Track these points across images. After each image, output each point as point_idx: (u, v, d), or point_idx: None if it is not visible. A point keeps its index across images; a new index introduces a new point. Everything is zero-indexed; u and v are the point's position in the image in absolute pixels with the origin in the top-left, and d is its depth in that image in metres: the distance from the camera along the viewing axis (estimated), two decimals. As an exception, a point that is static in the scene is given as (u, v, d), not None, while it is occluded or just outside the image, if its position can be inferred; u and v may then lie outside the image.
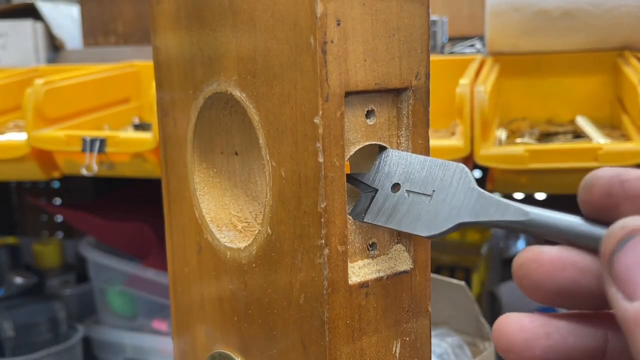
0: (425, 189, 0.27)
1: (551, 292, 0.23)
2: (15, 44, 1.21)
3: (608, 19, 0.87)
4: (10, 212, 1.52)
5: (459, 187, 0.26)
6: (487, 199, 0.24)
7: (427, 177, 0.27)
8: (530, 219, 0.23)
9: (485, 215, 0.24)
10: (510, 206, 0.24)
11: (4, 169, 0.91)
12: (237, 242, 0.32)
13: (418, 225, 0.26)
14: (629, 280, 0.19)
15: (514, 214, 0.23)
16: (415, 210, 0.27)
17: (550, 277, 0.22)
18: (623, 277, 0.19)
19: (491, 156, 0.71)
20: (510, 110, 0.93)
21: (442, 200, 0.26)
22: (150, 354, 1.07)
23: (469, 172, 0.26)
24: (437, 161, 0.27)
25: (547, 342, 0.23)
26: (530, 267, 0.23)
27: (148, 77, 1.06)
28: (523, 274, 0.23)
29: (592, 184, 0.22)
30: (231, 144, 0.34)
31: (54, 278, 1.22)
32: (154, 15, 0.35)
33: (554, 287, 0.22)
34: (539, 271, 0.22)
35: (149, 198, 1.01)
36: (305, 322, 0.28)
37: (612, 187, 0.21)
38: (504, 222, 0.24)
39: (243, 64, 0.29)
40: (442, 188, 0.26)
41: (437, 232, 0.26)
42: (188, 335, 0.36)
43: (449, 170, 0.26)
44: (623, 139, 0.79)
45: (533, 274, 0.23)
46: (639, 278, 0.19)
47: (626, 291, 0.19)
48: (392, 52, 0.27)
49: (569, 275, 0.22)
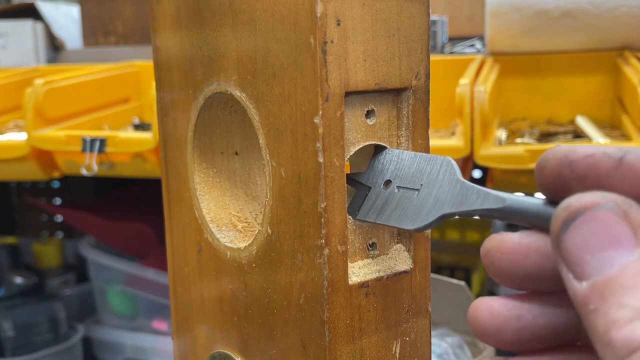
0: (414, 184, 0.27)
1: (518, 278, 0.23)
2: (15, 44, 1.21)
3: (608, 19, 0.87)
4: (10, 212, 1.52)
5: (444, 179, 0.26)
6: (469, 188, 0.25)
7: (416, 172, 0.27)
8: (506, 205, 0.23)
9: (466, 205, 0.24)
10: (490, 194, 0.24)
11: (4, 169, 0.91)
12: (237, 242, 0.32)
13: (405, 219, 0.27)
14: (577, 260, 0.19)
15: (492, 201, 0.23)
16: (403, 205, 0.27)
17: (514, 265, 0.22)
18: (571, 257, 0.19)
19: (491, 156, 0.71)
20: (510, 110, 0.93)
21: (428, 193, 0.26)
22: (150, 354, 1.07)
23: (454, 164, 0.26)
24: (425, 156, 0.27)
25: (517, 324, 0.23)
26: (494, 256, 0.23)
27: (148, 77, 1.07)
28: (489, 263, 0.23)
29: (543, 166, 0.22)
30: (231, 144, 0.34)
31: (54, 278, 1.22)
32: (154, 15, 0.35)
33: (519, 273, 0.22)
34: (502, 259, 0.23)
35: (149, 198, 1.01)
36: (305, 322, 0.28)
37: (561, 168, 0.21)
38: (483, 210, 0.24)
39: (243, 64, 0.29)
40: (429, 182, 0.26)
41: (422, 224, 0.26)
42: (188, 335, 0.36)
43: (436, 164, 0.26)
44: (623, 139, 0.79)
45: (497, 262, 0.23)
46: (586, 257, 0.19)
47: (575, 271, 0.19)
48: (392, 52, 0.27)
49: (532, 262, 0.22)
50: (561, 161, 0.21)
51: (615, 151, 0.21)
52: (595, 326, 0.18)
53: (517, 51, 0.92)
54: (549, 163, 0.22)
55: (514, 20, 0.90)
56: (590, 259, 0.19)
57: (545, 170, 0.22)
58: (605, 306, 0.18)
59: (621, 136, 0.81)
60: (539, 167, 0.22)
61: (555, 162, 0.22)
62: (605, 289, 0.18)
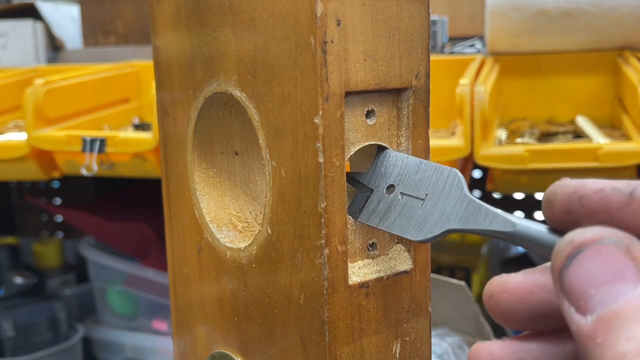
0: (418, 193, 0.27)
1: (525, 318, 0.23)
2: (15, 44, 1.21)
3: (608, 19, 0.87)
4: (10, 212, 1.52)
5: (450, 192, 0.26)
6: (477, 207, 0.25)
7: (421, 180, 0.27)
8: (516, 230, 0.23)
9: (473, 223, 0.25)
10: (499, 216, 0.24)
11: (4, 169, 0.91)
12: (237, 242, 0.32)
13: (408, 229, 0.27)
14: (580, 294, 0.19)
15: (501, 224, 0.24)
16: (407, 213, 0.27)
17: (520, 304, 0.23)
18: (574, 291, 0.19)
19: (491, 156, 0.71)
20: (510, 110, 0.93)
21: (434, 205, 0.26)
22: (150, 354, 1.07)
23: (461, 178, 0.26)
24: (431, 164, 0.27)
25: None
26: (499, 298, 0.23)
27: (148, 77, 1.06)
28: (494, 305, 0.23)
29: (552, 201, 0.22)
30: (231, 144, 0.34)
31: (54, 278, 1.22)
32: (154, 15, 0.35)
33: (526, 313, 0.23)
34: (508, 300, 0.23)
35: (149, 198, 1.01)
36: (305, 322, 0.28)
37: (571, 204, 0.21)
38: (491, 232, 0.24)
39: (243, 64, 0.29)
40: (435, 192, 0.26)
41: (427, 237, 0.26)
42: (188, 335, 0.36)
43: (442, 175, 0.26)
44: (623, 139, 0.79)
45: (504, 304, 0.23)
46: (590, 291, 0.19)
47: (578, 305, 0.19)
48: (392, 52, 0.27)
49: (538, 298, 0.22)
50: (571, 196, 0.21)
51: (625, 186, 0.21)
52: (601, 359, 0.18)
53: (517, 51, 0.92)
54: (557, 197, 0.22)
55: (514, 20, 0.90)
56: (594, 293, 0.19)
57: (554, 205, 0.22)
58: (612, 339, 0.18)
59: (621, 136, 0.81)
60: (547, 202, 0.22)
61: (564, 197, 0.22)
62: (612, 322, 0.18)
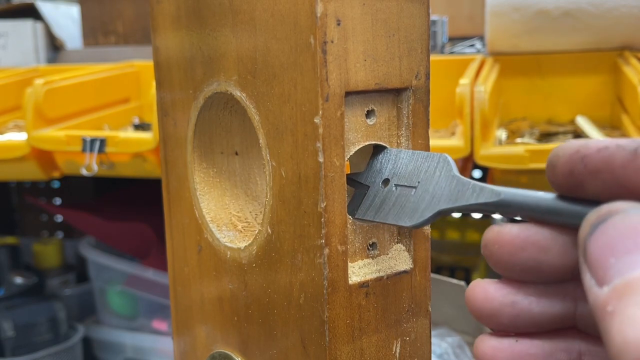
0: (411, 182, 0.27)
1: (515, 270, 0.23)
2: (15, 44, 1.21)
3: (608, 19, 0.87)
4: (10, 212, 1.52)
5: (441, 175, 0.26)
6: (465, 183, 0.25)
7: (413, 170, 0.27)
8: (501, 199, 0.23)
9: (462, 199, 0.24)
10: (485, 188, 0.24)
11: (4, 169, 0.91)
12: (237, 242, 0.32)
13: (402, 216, 0.27)
14: (600, 263, 0.18)
15: (487, 195, 0.23)
16: (400, 203, 0.27)
17: (511, 257, 0.22)
18: (595, 260, 0.19)
19: (491, 156, 0.71)
20: (510, 110, 0.93)
21: (425, 190, 0.26)
22: (150, 354, 1.07)
23: (450, 160, 0.26)
24: (423, 154, 0.27)
25: (512, 311, 0.23)
26: (492, 249, 0.23)
27: (148, 77, 1.07)
28: (488, 254, 0.23)
29: (554, 164, 0.22)
30: (231, 144, 0.34)
31: (54, 278, 1.22)
32: (154, 15, 0.35)
33: (516, 266, 0.22)
34: (500, 252, 0.23)
35: (149, 198, 1.01)
36: (305, 322, 0.28)
37: (574, 164, 0.21)
38: (479, 205, 0.24)
39: (243, 64, 0.29)
40: (426, 179, 0.26)
41: (419, 221, 0.26)
42: (188, 335, 0.36)
43: (433, 161, 0.27)
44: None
45: (495, 254, 0.23)
46: (610, 260, 0.18)
47: (597, 276, 0.18)
48: (392, 52, 0.27)
49: (529, 255, 0.22)
50: (573, 157, 0.21)
51: (629, 143, 0.20)
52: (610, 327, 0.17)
53: (517, 51, 0.92)
54: (560, 160, 0.21)
55: (514, 20, 0.90)
56: (614, 263, 0.18)
57: (556, 167, 0.21)
58: (623, 307, 0.17)
59: (621, 136, 0.81)
60: (550, 165, 0.22)
61: (567, 158, 0.21)
62: (625, 290, 0.18)
